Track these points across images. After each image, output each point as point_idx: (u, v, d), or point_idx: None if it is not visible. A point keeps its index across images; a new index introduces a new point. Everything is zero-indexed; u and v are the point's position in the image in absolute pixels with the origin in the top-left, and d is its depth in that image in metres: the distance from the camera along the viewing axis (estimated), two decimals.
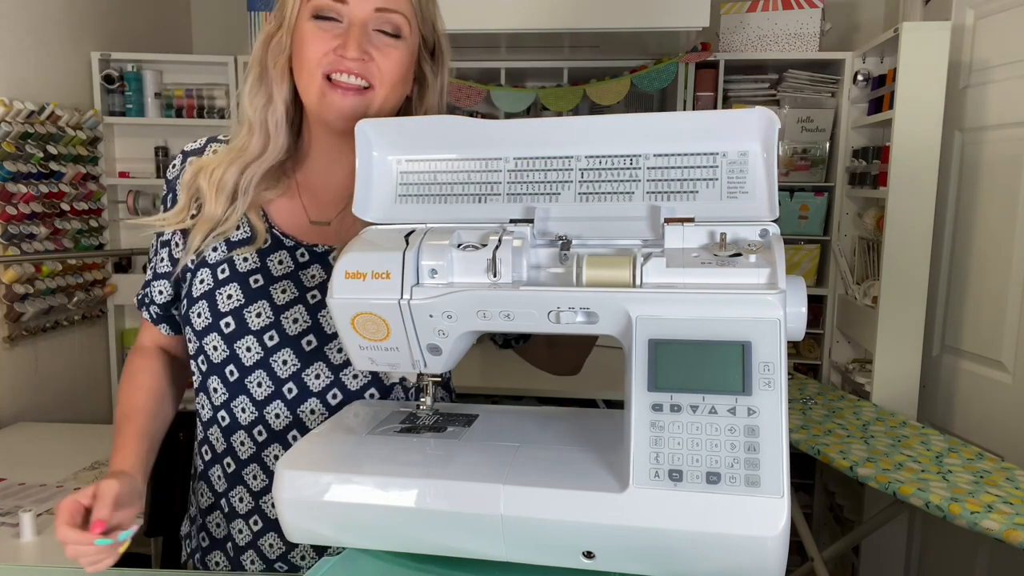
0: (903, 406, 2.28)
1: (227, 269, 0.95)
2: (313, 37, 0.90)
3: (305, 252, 0.97)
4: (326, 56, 0.89)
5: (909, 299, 2.24)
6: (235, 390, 0.94)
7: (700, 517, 0.62)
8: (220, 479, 0.96)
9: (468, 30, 2.32)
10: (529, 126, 0.76)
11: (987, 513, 1.46)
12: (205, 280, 0.95)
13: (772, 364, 0.63)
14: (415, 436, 0.79)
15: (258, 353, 0.93)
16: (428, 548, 0.72)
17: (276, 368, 0.94)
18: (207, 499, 0.98)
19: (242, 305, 0.94)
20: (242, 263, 0.96)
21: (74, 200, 2.54)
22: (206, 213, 0.95)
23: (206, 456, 0.98)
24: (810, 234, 2.71)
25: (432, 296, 0.71)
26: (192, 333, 0.96)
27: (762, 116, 0.68)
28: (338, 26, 0.89)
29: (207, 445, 0.97)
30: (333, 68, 0.89)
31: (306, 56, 0.90)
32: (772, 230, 0.69)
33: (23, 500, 1.66)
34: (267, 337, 0.94)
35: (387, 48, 0.90)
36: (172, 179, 1.02)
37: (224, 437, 0.95)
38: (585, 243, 0.72)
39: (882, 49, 2.45)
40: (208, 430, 0.97)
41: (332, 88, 0.90)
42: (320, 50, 0.89)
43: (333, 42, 0.89)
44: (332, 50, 0.89)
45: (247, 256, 0.96)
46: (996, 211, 2.11)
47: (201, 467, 0.99)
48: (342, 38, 0.89)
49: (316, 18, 0.90)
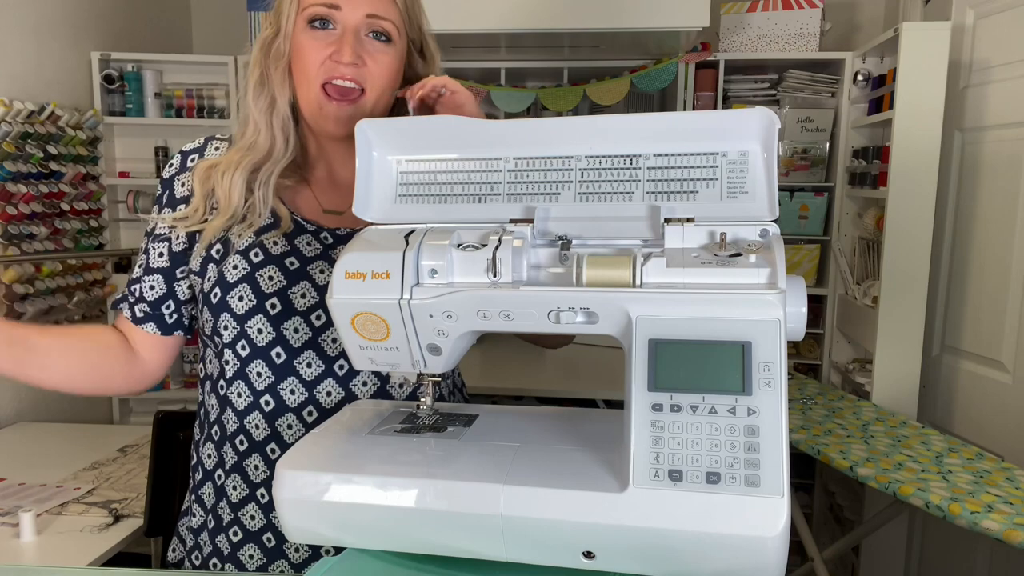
0: (903, 406, 2.28)
1: (260, 253, 0.96)
2: (310, 46, 0.94)
3: (328, 235, 0.99)
4: (323, 64, 0.93)
5: (909, 299, 2.24)
6: (283, 372, 0.94)
7: (700, 517, 0.62)
8: (259, 468, 0.95)
9: (468, 30, 2.33)
10: (529, 126, 0.76)
11: (987, 513, 1.46)
12: (239, 265, 0.95)
13: (772, 364, 0.63)
14: (415, 436, 0.79)
15: (306, 334, 0.95)
16: (428, 548, 0.72)
17: (326, 347, 0.95)
18: (240, 492, 0.96)
19: (285, 286, 0.95)
20: (273, 246, 0.97)
21: (74, 200, 2.54)
22: (223, 207, 0.97)
23: (241, 447, 0.96)
24: (810, 234, 2.71)
25: (432, 296, 0.71)
26: (231, 319, 0.95)
27: (762, 116, 0.68)
28: (332, 33, 0.94)
29: (243, 435, 0.96)
30: (330, 75, 0.93)
31: (304, 65, 0.94)
32: (772, 230, 0.69)
33: (23, 500, 1.66)
34: (314, 317, 0.95)
35: (378, 54, 0.95)
36: (168, 178, 1.02)
37: (268, 422, 0.95)
38: (585, 243, 0.72)
39: (882, 49, 2.45)
40: (245, 418, 0.95)
41: (328, 100, 0.94)
42: (317, 59, 0.93)
43: (328, 49, 0.93)
44: (328, 57, 0.93)
45: (276, 240, 0.97)
46: (996, 211, 2.11)
47: (234, 459, 0.97)
48: (336, 44, 0.93)
49: (311, 25, 0.94)
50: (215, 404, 0.99)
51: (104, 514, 1.59)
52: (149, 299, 1.00)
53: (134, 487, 1.74)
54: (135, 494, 1.70)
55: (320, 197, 1.03)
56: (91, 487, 1.74)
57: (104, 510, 1.61)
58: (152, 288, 1.00)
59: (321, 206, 1.02)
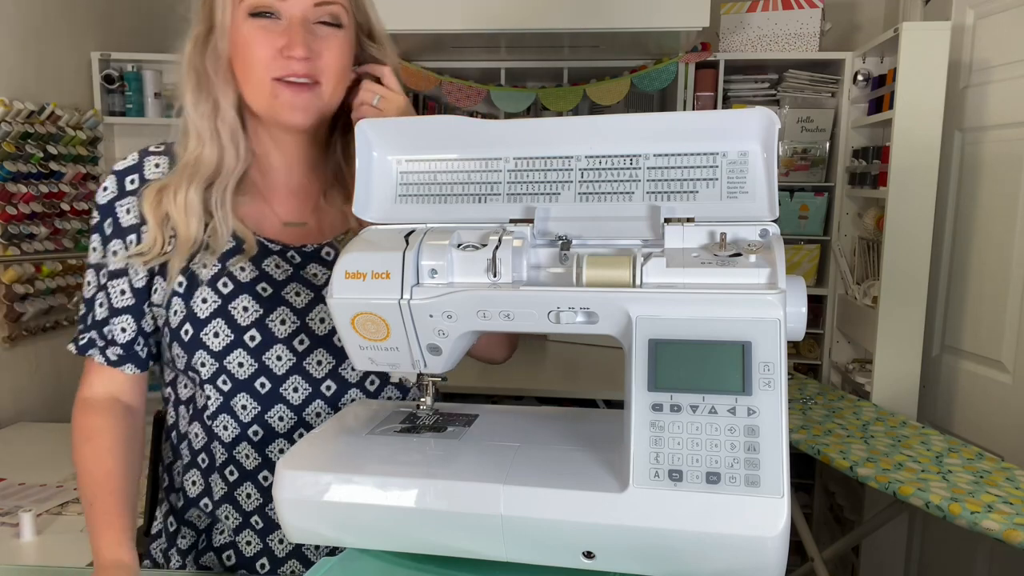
0: (903, 406, 2.28)
1: (229, 282, 0.91)
2: (256, 40, 0.87)
3: (295, 254, 0.95)
4: (274, 60, 0.87)
5: (909, 299, 2.24)
6: (270, 401, 0.91)
7: (700, 517, 0.62)
8: (251, 497, 0.93)
9: (468, 30, 2.33)
10: (529, 126, 0.76)
11: (987, 513, 1.46)
12: (209, 299, 0.90)
13: (772, 364, 0.63)
14: (415, 436, 0.79)
15: (290, 360, 0.92)
16: (428, 548, 0.72)
17: (311, 369, 0.92)
18: (234, 520, 0.93)
19: (262, 315, 0.91)
20: (241, 273, 0.92)
21: (74, 200, 2.54)
22: (183, 237, 0.90)
23: (231, 477, 0.93)
24: (810, 234, 2.71)
25: (432, 296, 0.71)
26: (208, 356, 0.90)
27: (762, 116, 0.68)
28: (278, 23, 0.87)
29: (233, 465, 0.92)
30: (282, 73, 0.87)
31: (252, 62, 0.87)
32: (772, 230, 0.69)
33: (23, 500, 1.66)
34: (297, 342, 0.92)
35: (330, 39, 0.89)
36: (107, 203, 0.93)
37: (258, 451, 0.92)
38: (585, 243, 0.72)
39: (882, 49, 2.45)
40: (234, 450, 0.92)
41: (283, 86, 0.88)
42: (266, 54, 0.86)
43: (278, 42, 0.86)
44: (278, 52, 0.86)
45: (243, 266, 0.92)
46: (996, 211, 2.11)
47: (224, 490, 0.93)
48: (285, 36, 0.86)
49: (254, 16, 0.87)
50: (200, 433, 0.94)
51: None
52: (122, 341, 0.93)
53: None
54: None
55: (279, 209, 0.96)
56: None
57: None
58: (124, 330, 0.93)
59: (280, 219, 0.96)
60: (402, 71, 1.01)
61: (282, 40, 0.86)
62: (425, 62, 2.66)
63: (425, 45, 2.52)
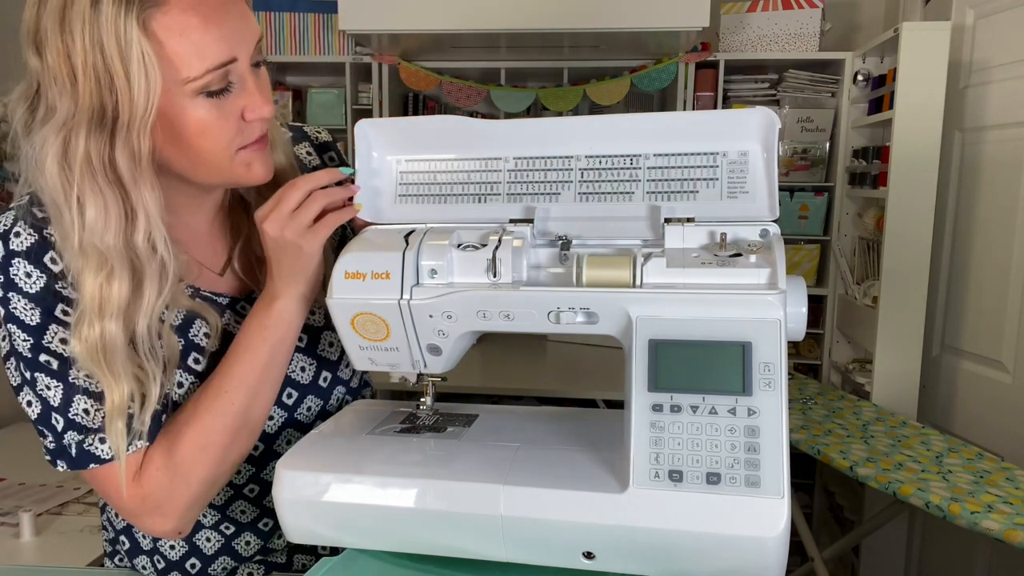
0: (903, 406, 2.28)
1: (200, 358, 0.82)
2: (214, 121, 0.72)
3: (245, 305, 0.86)
4: (240, 133, 0.74)
5: (909, 299, 2.24)
6: (264, 460, 0.88)
7: (700, 517, 0.62)
8: (250, 544, 0.89)
9: (468, 30, 2.33)
10: (529, 126, 0.76)
11: (987, 513, 1.46)
12: (185, 383, 0.81)
13: (772, 364, 0.63)
14: (415, 436, 0.79)
15: (281, 416, 0.89)
16: (428, 548, 0.72)
17: (301, 418, 0.90)
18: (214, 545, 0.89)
19: None
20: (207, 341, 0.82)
21: None
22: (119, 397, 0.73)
23: (227, 531, 0.88)
24: (810, 234, 2.71)
25: (432, 296, 0.71)
26: None
27: (762, 116, 0.68)
28: (232, 90, 0.72)
29: (228, 522, 0.88)
30: (247, 140, 0.75)
31: (212, 146, 0.73)
32: (772, 230, 0.69)
33: (23, 500, 1.66)
34: (284, 396, 0.88)
35: (264, 76, 0.77)
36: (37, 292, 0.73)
37: (255, 506, 0.89)
38: (585, 243, 0.72)
39: (882, 49, 2.45)
40: (227, 510, 0.88)
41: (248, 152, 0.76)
42: (230, 132, 0.73)
43: (236, 111, 0.73)
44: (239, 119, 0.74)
45: (207, 333, 0.82)
46: (996, 211, 2.11)
47: (221, 542, 0.88)
48: (241, 97, 0.73)
49: (208, 95, 0.71)
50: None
51: None
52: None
53: None
54: None
55: (206, 260, 0.85)
56: (91, 487, 1.74)
57: None
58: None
59: (213, 270, 0.86)
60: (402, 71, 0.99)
61: (238, 104, 0.73)
62: (425, 62, 2.66)
63: (425, 45, 2.52)
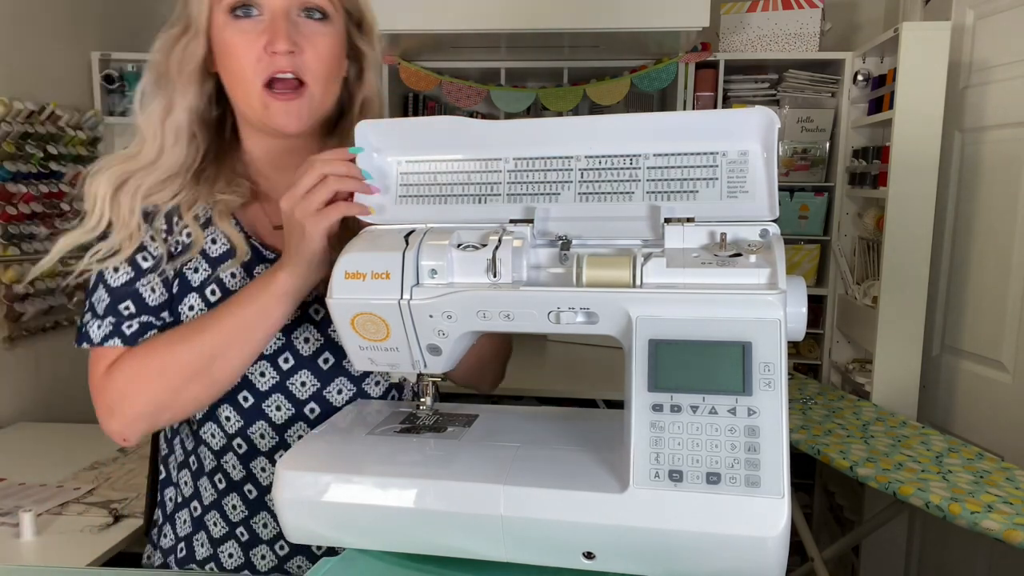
0: (903, 406, 2.28)
1: (217, 290, 0.88)
2: (238, 42, 0.82)
3: None
4: (259, 61, 0.82)
5: (909, 299, 2.24)
6: (251, 416, 0.89)
7: (700, 517, 0.62)
8: (237, 508, 0.91)
9: (468, 30, 2.32)
10: (529, 126, 0.76)
11: (987, 513, 1.46)
12: (195, 307, 0.87)
13: (772, 364, 0.63)
14: (415, 436, 0.79)
15: (273, 377, 0.89)
16: (428, 548, 0.72)
17: (295, 390, 0.90)
18: (220, 528, 0.92)
19: None
20: (231, 280, 0.88)
21: (74, 200, 2.53)
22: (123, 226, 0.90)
23: (220, 484, 0.91)
24: (810, 234, 2.71)
25: (432, 296, 0.71)
26: None
27: (762, 116, 0.68)
28: (259, 21, 0.82)
29: (220, 473, 0.91)
30: (268, 73, 0.83)
31: (238, 66, 0.83)
32: (772, 230, 0.69)
33: (23, 500, 1.66)
34: (281, 360, 0.89)
35: (316, 36, 0.84)
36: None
37: (243, 464, 0.90)
38: (585, 243, 0.72)
39: (882, 49, 2.45)
40: (222, 458, 0.91)
41: (273, 98, 0.84)
42: (252, 56, 0.82)
43: (260, 40, 0.82)
44: (262, 51, 0.82)
45: (234, 272, 0.88)
46: (996, 211, 2.11)
47: (213, 496, 0.92)
48: (267, 32, 0.82)
49: (234, 15, 0.82)
50: (189, 436, 0.94)
51: (104, 514, 1.59)
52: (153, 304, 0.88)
53: (134, 487, 1.74)
54: (135, 494, 1.69)
55: (271, 213, 0.93)
56: (91, 487, 1.74)
57: (104, 510, 1.61)
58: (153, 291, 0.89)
59: (273, 222, 0.92)
60: (402, 71, 1.00)
61: (264, 37, 0.82)
62: (425, 62, 2.66)
63: (425, 45, 2.52)
